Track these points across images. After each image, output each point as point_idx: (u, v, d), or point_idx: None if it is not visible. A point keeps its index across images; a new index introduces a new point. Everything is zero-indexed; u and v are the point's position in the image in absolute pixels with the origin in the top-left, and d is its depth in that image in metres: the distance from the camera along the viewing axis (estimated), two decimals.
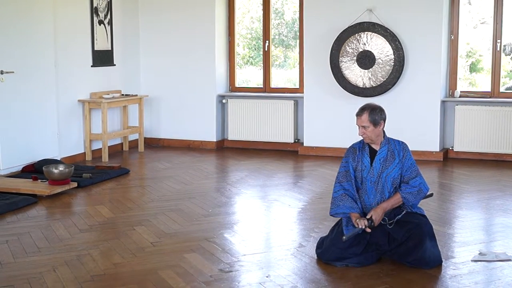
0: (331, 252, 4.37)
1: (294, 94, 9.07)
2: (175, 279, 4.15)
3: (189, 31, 9.28)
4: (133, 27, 9.42)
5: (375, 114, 4.42)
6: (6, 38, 7.13)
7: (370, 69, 8.25)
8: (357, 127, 4.49)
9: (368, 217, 4.37)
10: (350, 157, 4.56)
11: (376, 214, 4.36)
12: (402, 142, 4.59)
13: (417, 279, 4.14)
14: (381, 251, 4.41)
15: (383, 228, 4.39)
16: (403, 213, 4.44)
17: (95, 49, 8.59)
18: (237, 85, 9.59)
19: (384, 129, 4.53)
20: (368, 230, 4.32)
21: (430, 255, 4.30)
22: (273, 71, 9.49)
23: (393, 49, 8.11)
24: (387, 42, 8.13)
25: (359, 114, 4.47)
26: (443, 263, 4.40)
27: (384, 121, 4.48)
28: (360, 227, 4.31)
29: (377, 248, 4.39)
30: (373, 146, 4.54)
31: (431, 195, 4.92)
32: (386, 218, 4.40)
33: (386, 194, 4.47)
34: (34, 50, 7.52)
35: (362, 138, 4.54)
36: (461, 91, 8.40)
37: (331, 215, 4.58)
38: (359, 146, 4.58)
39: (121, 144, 9.25)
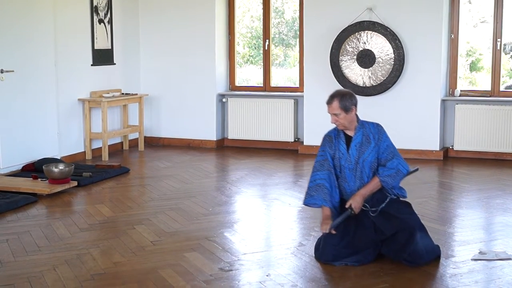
0: (327, 251, 4.35)
1: (294, 93, 9.07)
2: (175, 278, 4.15)
3: (189, 30, 9.28)
4: (133, 26, 9.42)
5: (345, 100, 4.37)
6: (6, 37, 7.13)
7: (370, 68, 8.25)
8: (329, 115, 4.45)
9: (347, 205, 4.35)
10: (326, 146, 4.53)
11: (355, 202, 4.34)
12: (377, 124, 4.53)
13: (417, 278, 4.14)
14: (375, 246, 4.37)
15: (368, 217, 4.39)
16: (386, 201, 4.40)
17: (95, 48, 8.59)
18: (237, 84, 9.59)
19: (357, 114, 4.48)
20: (331, 233, 4.33)
21: (423, 247, 4.28)
22: (273, 70, 9.49)
23: (393, 48, 8.11)
24: (387, 41, 8.12)
25: (329, 102, 4.42)
26: (443, 262, 4.41)
27: (356, 106, 4.42)
28: (322, 231, 4.34)
29: (365, 239, 4.35)
30: (348, 132, 4.49)
31: (416, 170, 4.81)
32: (368, 205, 4.38)
33: (365, 179, 4.44)
34: (34, 49, 7.52)
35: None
36: (461, 90, 8.40)
37: (304, 204, 4.59)
38: (334, 134, 4.53)
39: (121, 143, 9.25)
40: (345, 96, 4.39)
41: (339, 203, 4.50)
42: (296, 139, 9.02)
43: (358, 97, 8.29)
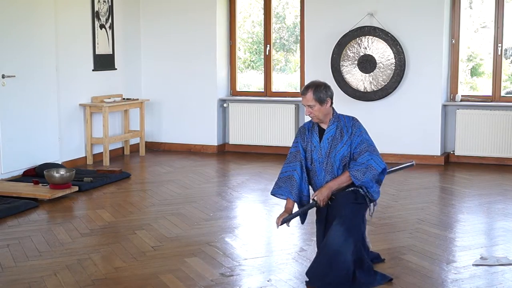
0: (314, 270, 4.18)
1: (295, 98, 9.07)
2: (176, 283, 4.15)
3: (190, 35, 9.30)
4: (134, 32, 9.44)
5: (320, 92, 4.21)
6: (8, 42, 7.15)
7: (371, 73, 8.26)
8: (304, 107, 4.33)
9: (312, 197, 4.24)
10: (299, 138, 4.40)
11: (320, 194, 4.19)
12: (353, 118, 4.35)
13: (418, 282, 4.13)
14: None
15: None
16: (348, 189, 4.25)
17: (97, 53, 8.60)
18: (238, 89, 9.59)
19: (334, 107, 4.35)
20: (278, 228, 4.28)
21: (330, 239, 4.07)
22: (274, 75, 9.50)
23: (394, 53, 8.12)
24: (388, 46, 8.13)
25: (303, 93, 4.27)
26: (444, 267, 4.40)
27: (331, 98, 4.26)
28: (277, 225, 4.28)
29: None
30: (322, 125, 4.34)
31: (412, 164, 4.67)
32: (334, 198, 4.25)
33: (336, 174, 4.27)
34: (35, 54, 7.54)
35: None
36: (462, 95, 8.40)
37: (271, 194, 4.50)
38: (309, 126, 4.40)
39: (122, 148, 9.25)
40: (320, 87, 4.24)
41: (308, 197, 4.37)
42: None
43: (359, 102, 8.39)
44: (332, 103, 4.28)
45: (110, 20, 8.83)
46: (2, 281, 4.21)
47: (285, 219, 4.28)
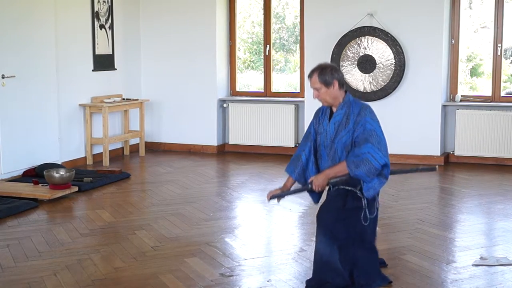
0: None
1: (295, 99, 9.07)
2: (175, 283, 4.15)
3: (190, 36, 9.30)
4: (134, 32, 9.44)
5: (325, 74, 4.07)
6: (7, 42, 7.14)
7: (371, 73, 8.26)
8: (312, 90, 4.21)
9: (309, 181, 4.15)
10: (314, 119, 4.31)
11: (316, 179, 4.08)
12: (362, 106, 4.13)
13: (418, 283, 4.13)
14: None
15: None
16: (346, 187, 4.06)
17: (96, 53, 8.60)
18: (238, 89, 9.59)
19: (347, 91, 4.20)
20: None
21: (316, 250, 4.06)
22: (274, 75, 9.50)
23: (393, 53, 8.12)
24: (388, 47, 8.13)
25: (309, 75, 4.15)
26: (444, 267, 4.41)
27: (339, 81, 4.10)
28: (267, 199, 4.25)
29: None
30: (334, 109, 4.19)
31: (434, 169, 4.33)
32: (331, 187, 4.13)
33: (337, 161, 4.11)
34: (35, 54, 7.53)
35: None
36: (461, 96, 8.40)
37: (285, 171, 4.42)
38: (324, 108, 4.26)
39: (122, 148, 9.25)
40: (326, 69, 4.10)
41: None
42: (297, 145, 9.01)
43: None
44: (341, 86, 4.13)
45: (110, 21, 8.83)
46: (2, 281, 4.21)
47: (276, 195, 4.25)
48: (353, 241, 4.05)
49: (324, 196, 4.31)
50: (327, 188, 4.19)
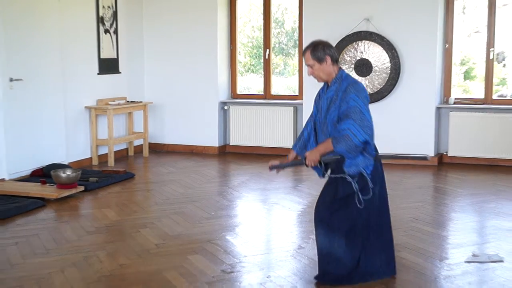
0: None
1: (294, 101, 9.10)
2: (178, 279, 4.17)
3: (192, 40, 9.32)
4: (138, 37, 9.47)
5: (318, 51, 4.03)
6: (15, 46, 7.17)
7: (367, 76, 8.29)
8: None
9: (305, 155, 4.09)
10: (317, 96, 4.28)
11: (310, 154, 4.01)
12: (351, 81, 4.01)
13: (412, 279, 4.15)
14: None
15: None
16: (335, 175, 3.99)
17: (101, 57, 8.63)
18: (238, 92, 9.62)
19: (341, 67, 4.14)
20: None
21: (318, 244, 4.10)
22: (273, 78, 9.52)
23: (389, 57, 8.15)
24: (384, 51, 8.16)
25: (303, 53, 4.12)
26: (437, 264, 4.43)
27: (331, 56, 4.04)
28: (269, 168, 4.24)
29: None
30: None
31: (426, 158, 4.08)
32: (322, 164, 4.04)
33: (328, 136, 4.05)
34: (42, 58, 7.56)
35: None
36: (455, 98, 8.42)
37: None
38: (325, 86, 4.18)
39: (127, 149, 9.27)
40: (318, 46, 4.06)
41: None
42: None
43: None
44: (334, 62, 4.07)
45: (114, 26, 8.86)
46: (11, 277, 4.24)
47: (275, 165, 4.25)
48: (359, 227, 4.02)
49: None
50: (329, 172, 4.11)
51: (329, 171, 4.13)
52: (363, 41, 8.23)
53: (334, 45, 8.30)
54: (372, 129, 3.94)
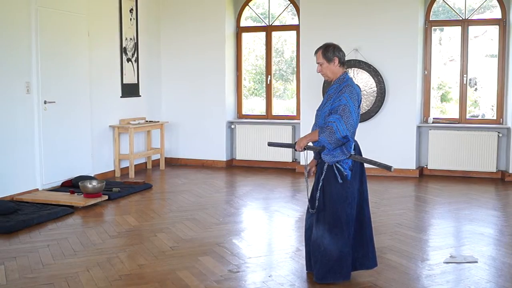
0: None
1: (292, 121, 9.08)
2: (190, 278, 4.14)
3: (203, 68, 9.34)
4: (156, 65, 9.48)
5: (328, 52, 4.05)
6: (49, 73, 7.18)
7: None
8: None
9: (296, 141, 3.98)
10: (326, 92, 4.20)
11: (299, 140, 3.98)
12: (348, 84, 3.94)
13: (397, 278, 4.11)
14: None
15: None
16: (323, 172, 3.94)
17: (124, 82, 8.64)
18: (243, 112, 9.61)
19: (347, 71, 4.11)
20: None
21: (316, 240, 3.98)
22: (274, 101, 9.52)
23: (375, 82, 8.14)
24: (371, 77, 8.16)
25: (316, 52, 4.14)
26: (419, 264, 4.39)
27: (339, 58, 4.04)
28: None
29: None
30: None
31: (390, 168, 3.70)
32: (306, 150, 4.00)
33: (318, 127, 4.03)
34: (72, 83, 7.57)
35: None
36: (433, 118, 8.41)
37: None
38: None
39: (145, 163, 9.26)
40: (329, 47, 4.09)
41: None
42: (294, 160, 9.02)
43: None
44: (341, 64, 4.05)
45: (135, 55, 8.88)
46: (43, 276, 4.21)
47: (272, 143, 4.28)
48: (343, 222, 3.91)
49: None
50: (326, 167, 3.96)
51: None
52: (353, 68, 8.23)
53: None
54: (355, 128, 3.91)
